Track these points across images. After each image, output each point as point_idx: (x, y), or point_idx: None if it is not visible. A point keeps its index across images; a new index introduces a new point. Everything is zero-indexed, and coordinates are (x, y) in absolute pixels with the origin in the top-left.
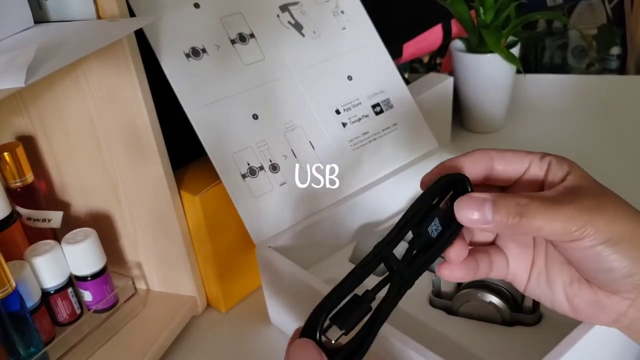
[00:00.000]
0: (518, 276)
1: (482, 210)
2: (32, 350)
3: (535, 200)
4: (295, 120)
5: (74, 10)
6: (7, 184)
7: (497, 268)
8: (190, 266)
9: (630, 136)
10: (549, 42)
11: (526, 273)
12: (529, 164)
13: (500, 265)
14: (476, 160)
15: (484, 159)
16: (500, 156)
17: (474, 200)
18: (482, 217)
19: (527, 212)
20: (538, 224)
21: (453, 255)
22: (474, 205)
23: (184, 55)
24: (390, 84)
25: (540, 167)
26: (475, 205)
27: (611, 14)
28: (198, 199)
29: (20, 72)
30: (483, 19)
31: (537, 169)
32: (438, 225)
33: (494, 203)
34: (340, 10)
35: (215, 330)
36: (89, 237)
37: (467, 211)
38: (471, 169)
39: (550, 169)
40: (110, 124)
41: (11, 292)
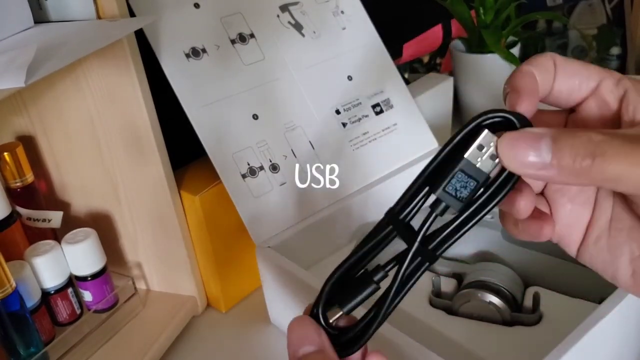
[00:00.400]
0: (567, 238)
1: (539, 149)
2: (32, 350)
3: (616, 138)
4: (295, 120)
5: (74, 10)
6: (7, 184)
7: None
8: (190, 266)
9: None
10: (548, 42)
11: (580, 234)
12: (598, 84)
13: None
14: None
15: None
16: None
17: (525, 136)
18: (539, 159)
19: (604, 153)
20: (618, 171)
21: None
22: (527, 143)
23: (184, 55)
24: (390, 84)
25: (614, 92)
26: (529, 142)
27: (611, 14)
28: (198, 199)
29: (20, 72)
30: (483, 19)
31: (608, 94)
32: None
33: (554, 140)
34: (340, 10)
35: (215, 330)
36: (89, 237)
37: (518, 151)
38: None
39: (627, 97)
40: (111, 124)
41: (11, 292)
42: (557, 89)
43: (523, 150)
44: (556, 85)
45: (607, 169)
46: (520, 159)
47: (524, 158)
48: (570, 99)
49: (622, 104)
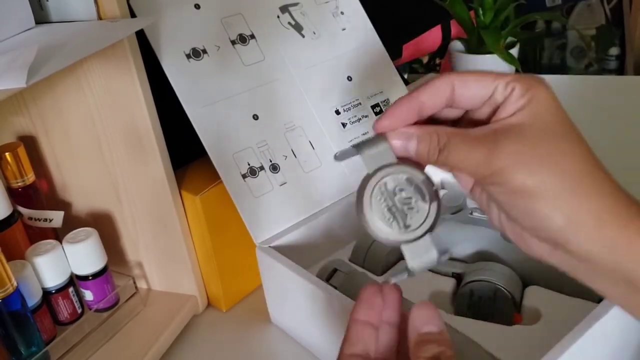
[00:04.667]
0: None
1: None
2: (33, 349)
3: (456, 137)
4: (295, 120)
5: (75, 11)
6: (8, 183)
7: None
8: (191, 265)
9: (629, 136)
10: (547, 43)
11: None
12: (494, 90)
13: None
14: (438, 93)
15: (446, 88)
16: (462, 84)
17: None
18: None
19: (443, 150)
20: (453, 162)
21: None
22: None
23: (184, 55)
24: (390, 84)
25: (502, 93)
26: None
27: (610, 15)
28: (199, 199)
29: (21, 72)
30: (482, 20)
31: (498, 96)
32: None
33: (419, 139)
34: (340, 11)
35: (215, 329)
36: (90, 236)
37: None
38: (432, 102)
39: (508, 98)
40: (111, 124)
41: (12, 291)
42: (457, 102)
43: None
44: (456, 100)
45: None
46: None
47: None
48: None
49: (505, 101)
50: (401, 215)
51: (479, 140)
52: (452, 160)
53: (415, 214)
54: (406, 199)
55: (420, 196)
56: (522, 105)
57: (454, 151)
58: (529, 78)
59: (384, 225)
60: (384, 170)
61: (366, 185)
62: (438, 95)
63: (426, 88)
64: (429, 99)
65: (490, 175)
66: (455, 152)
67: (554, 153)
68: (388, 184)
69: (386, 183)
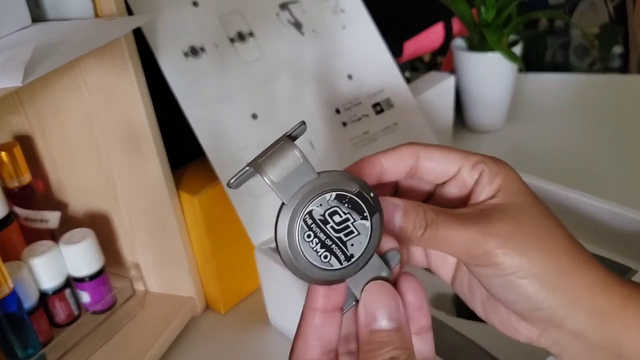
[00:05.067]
0: (441, 271)
1: (392, 219)
2: (30, 351)
3: (444, 215)
4: (295, 120)
5: (72, 9)
6: (4, 184)
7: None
8: (189, 267)
9: (632, 135)
10: (550, 41)
11: (450, 272)
12: (459, 170)
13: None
14: (401, 159)
15: (410, 157)
16: (427, 155)
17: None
18: (390, 222)
19: (431, 226)
20: (440, 241)
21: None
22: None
23: (182, 54)
24: (391, 83)
25: (471, 175)
26: (389, 208)
27: (613, 13)
28: (197, 200)
29: (17, 71)
30: (484, 18)
31: (466, 177)
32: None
33: (404, 211)
34: (341, 8)
35: (214, 331)
36: (86, 237)
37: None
38: (394, 168)
39: (480, 180)
40: (108, 124)
41: (8, 293)
42: (420, 173)
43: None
44: (421, 172)
45: (432, 238)
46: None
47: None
48: (435, 179)
49: (476, 184)
50: (339, 246)
51: (468, 219)
52: (440, 238)
53: (356, 237)
54: (341, 224)
55: (358, 213)
56: (498, 187)
57: (443, 228)
58: (494, 160)
59: (321, 268)
60: (306, 194)
61: (286, 223)
62: (401, 163)
63: (389, 153)
64: (391, 164)
65: (481, 256)
66: (445, 230)
67: (541, 232)
68: (314, 212)
69: (312, 212)
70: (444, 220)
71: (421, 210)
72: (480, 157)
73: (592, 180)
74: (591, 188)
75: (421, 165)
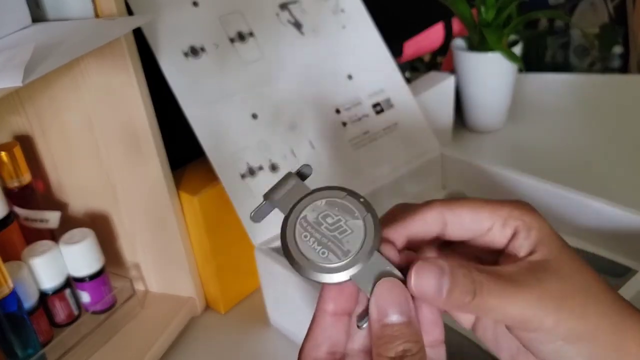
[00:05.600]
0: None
1: (440, 282)
2: (30, 351)
3: (493, 277)
4: (295, 119)
5: (72, 9)
6: (4, 184)
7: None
8: (189, 267)
9: (632, 135)
10: (550, 41)
11: (471, 319)
12: (490, 227)
13: None
14: (426, 225)
15: (436, 223)
16: (455, 219)
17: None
18: (438, 289)
19: (481, 292)
20: (491, 307)
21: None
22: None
23: (182, 54)
24: (391, 83)
25: (503, 233)
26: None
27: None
28: (197, 200)
29: (17, 71)
30: (484, 18)
31: (498, 234)
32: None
33: (451, 275)
34: (341, 8)
35: (214, 331)
36: (86, 237)
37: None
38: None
39: (516, 238)
40: (108, 124)
41: (8, 293)
42: (450, 236)
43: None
44: (449, 234)
45: (483, 305)
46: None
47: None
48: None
49: (510, 241)
50: (334, 242)
51: (519, 282)
52: (489, 306)
53: (351, 235)
54: (334, 224)
55: (349, 214)
56: (534, 243)
57: (494, 295)
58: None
59: (320, 264)
60: (299, 204)
61: (286, 230)
62: (428, 231)
63: (415, 221)
64: (418, 233)
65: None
66: (495, 297)
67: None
68: (308, 216)
69: (306, 216)
70: (493, 285)
71: (467, 272)
72: (508, 209)
73: (592, 180)
74: (591, 188)
75: (449, 230)
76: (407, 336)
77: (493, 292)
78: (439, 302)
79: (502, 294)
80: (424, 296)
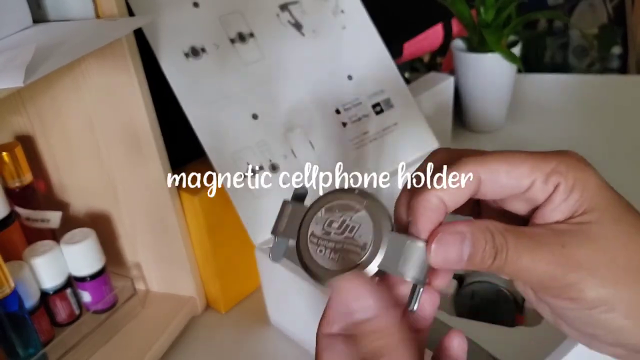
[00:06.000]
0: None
1: (461, 249)
2: (31, 351)
3: (514, 237)
4: (295, 120)
5: (73, 10)
6: (5, 184)
7: None
8: (190, 267)
9: (631, 135)
10: (549, 42)
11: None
12: (530, 185)
13: None
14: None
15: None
16: (491, 177)
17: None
18: (459, 256)
19: (501, 253)
20: (511, 270)
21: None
22: (453, 244)
23: (183, 54)
24: (391, 83)
25: (544, 190)
26: (454, 243)
27: (612, 13)
28: (197, 200)
29: (19, 71)
30: (484, 18)
31: (538, 193)
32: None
33: (472, 241)
34: (340, 9)
35: (214, 330)
36: (87, 237)
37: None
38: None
39: (555, 196)
40: (109, 124)
41: (10, 292)
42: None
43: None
44: (483, 193)
45: (504, 267)
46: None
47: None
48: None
49: (550, 198)
50: (349, 243)
51: (543, 244)
52: (510, 269)
53: (360, 228)
54: (341, 226)
55: (350, 211)
56: (575, 203)
57: (514, 257)
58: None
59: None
60: (303, 225)
61: (301, 254)
62: (462, 193)
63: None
64: (451, 197)
65: (559, 288)
66: (516, 259)
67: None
68: (314, 232)
69: (313, 232)
70: (514, 247)
71: (490, 236)
72: (554, 163)
73: None
74: None
75: (483, 189)
76: (377, 332)
77: (512, 254)
78: (459, 267)
79: (521, 256)
80: (445, 266)
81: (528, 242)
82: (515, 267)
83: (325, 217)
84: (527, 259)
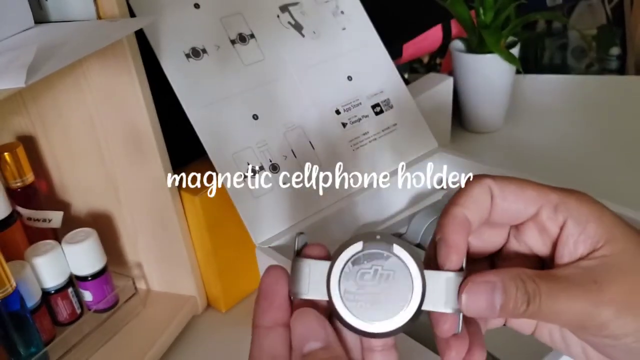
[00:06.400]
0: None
1: (492, 298)
2: (33, 350)
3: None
4: (295, 120)
5: (74, 10)
6: (7, 184)
7: None
8: (191, 266)
9: (629, 136)
10: (548, 43)
11: (531, 325)
12: (537, 211)
13: None
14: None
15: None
16: (500, 193)
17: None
18: (491, 305)
19: (534, 300)
20: (546, 315)
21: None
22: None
23: (184, 55)
24: (390, 84)
25: (554, 220)
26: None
27: (611, 15)
28: (198, 199)
29: (20, 72)
30: (483, 20)
31: (547, 222)
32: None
33: (503, 289)
34: (340, 10)
35: (215, 330)
36: (89, 237)
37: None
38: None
39: (567, 228)
40: (111, 124)
41: (11, 292)
42: (494, 215)
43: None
44: (494, 213)
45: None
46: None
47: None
48: (509, 220)
49: (561, 233)
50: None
51: (575, 286)
52: (546, 313)
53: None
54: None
55: (379, 259)
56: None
57: (549, 302)
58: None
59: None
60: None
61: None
62: (480, 208)
63: (463, 200)
64: (474, 214)
65: (595, 327)
66: (550, 303)
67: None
68: (348, 288)
69: (346, 290)
70: (547, 291)
71: (521, 284)
72: (559, 195)
73: (589, 180)
74: (589, 188)
75: (496, 208)
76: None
77: (546, 299)
78: (493, 317)
79: (556, 300)
80: (479, 316)
81: (561, 284)
82: (551, 310)
83: (354, 270)
84: (562, 301)
